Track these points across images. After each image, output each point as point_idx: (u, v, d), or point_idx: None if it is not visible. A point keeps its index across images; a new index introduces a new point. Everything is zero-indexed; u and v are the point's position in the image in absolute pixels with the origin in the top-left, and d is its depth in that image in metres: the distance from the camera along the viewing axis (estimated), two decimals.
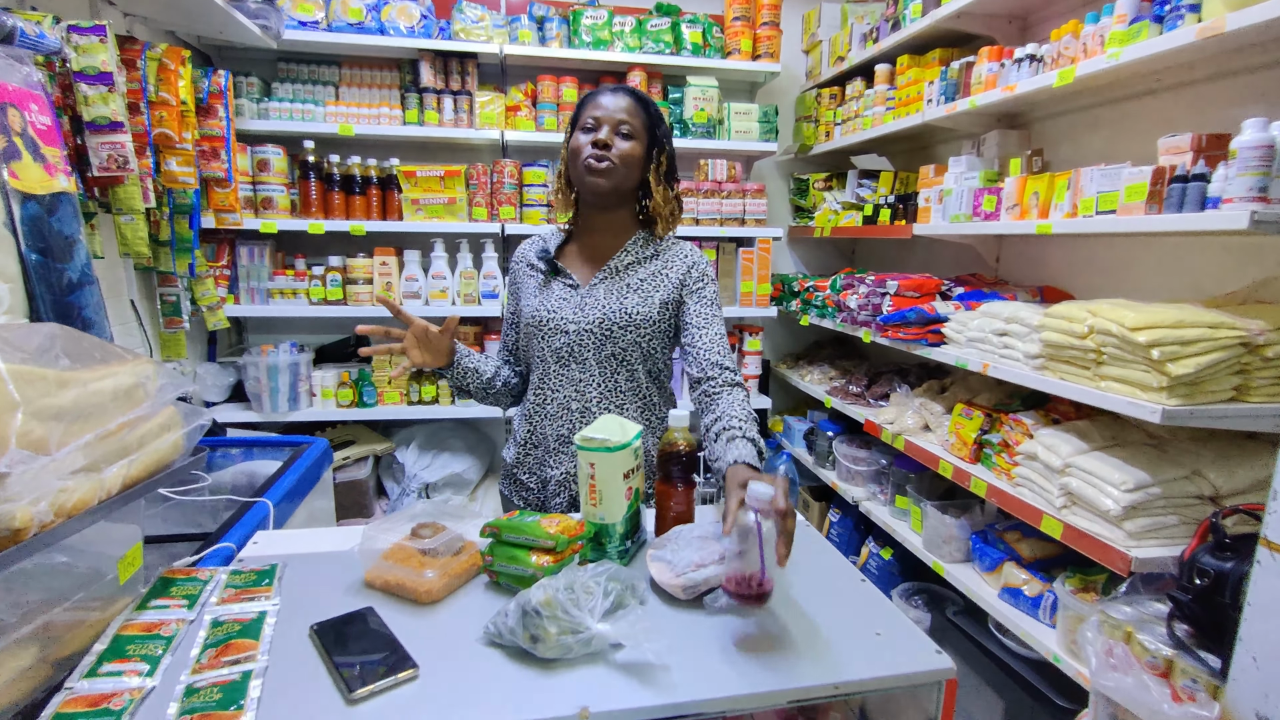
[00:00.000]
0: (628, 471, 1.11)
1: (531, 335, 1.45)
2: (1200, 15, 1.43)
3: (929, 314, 2.11)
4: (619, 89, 1.40)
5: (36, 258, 1.37)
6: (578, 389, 1.42)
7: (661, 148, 1.43)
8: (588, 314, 1.40)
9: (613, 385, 1.43)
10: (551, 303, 1.43)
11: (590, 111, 1.38)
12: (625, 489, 1.10)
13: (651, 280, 1.43)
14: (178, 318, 2.37)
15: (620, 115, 1.36)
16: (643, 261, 1.45)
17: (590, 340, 1.40)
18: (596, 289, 1.43)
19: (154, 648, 0.85)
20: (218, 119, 2.28)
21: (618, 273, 1.44)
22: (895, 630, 0.96)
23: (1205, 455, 1.47)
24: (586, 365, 1.41)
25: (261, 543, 1.21)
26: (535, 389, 1.46)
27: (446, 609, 1.00)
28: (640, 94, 1.42)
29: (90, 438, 0.70)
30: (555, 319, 1.42)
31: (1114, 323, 1.40)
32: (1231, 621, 1.09)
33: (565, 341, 1.41)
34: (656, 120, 1.43)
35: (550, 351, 1.42)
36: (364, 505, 2.86)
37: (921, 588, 2.29)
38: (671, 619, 0.98)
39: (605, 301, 1.41)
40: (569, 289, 1.44)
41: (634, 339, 1.40)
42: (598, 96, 1.40)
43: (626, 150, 1.37)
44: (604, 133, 1.36)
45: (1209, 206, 1.38)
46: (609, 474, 1.08)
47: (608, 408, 1.43)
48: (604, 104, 1.38)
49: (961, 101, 2.14)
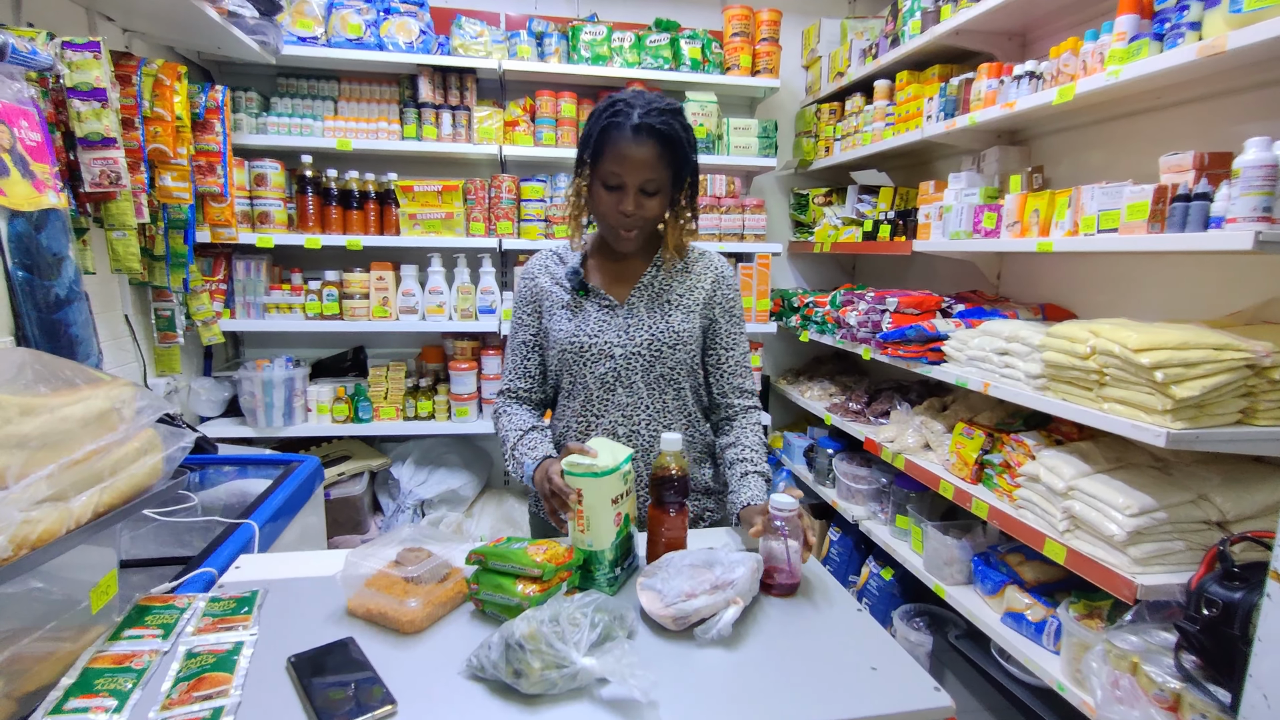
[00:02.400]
0: (616, 497, 1.08)
1: (570, 362, 1.36)
2: (1201, 34, 1.41)
3: (929, 332, 2.09)
4: (641, 129, 1.23)
5: (23, 275, 1.36)
6: (625, 414, 1.35)
7: (686, 179, 1.34)
8: (634, 336, 1.34)
9: (661, 406, 1.37)
10: (590, 326, 1.35)
11: (613, 164, 1.25)
12: (614, 515, 1.07)
13: (689, 295, 1.39)
14: (172, 333, 2.36)
15: (645, 173, 1.25)
16: (675, 275, 1.40)
17: (639, 363, 1.34)
18: (636, 308, 1.36)
19: (123, 681, 0.82)
20: (214, 134, 2.28)
21: (653, 289, 1.38)
22: (893, 665, 0.93)
23: (1212, 479, 1.44)
24: (634, 389, 1.35)
25: (244, 567, 1.18)
26: (577, 415, 1.38)
27: (429, 639, 0.97)
28: (666, 131, 1.25)
29: (53, 468, 0.67)
30: (599, 343, 1.34)
31: (1116, 343, 1.37)
32: (1241, 654, 1.06)
33: (611, 367, 1.34)
34: (684, 156, 1.30)
35: (594, 378, 1.35)
36: (359, 521, 2.83)
37: (923, 609, 2.25)
38: (661, 651, 0.95)
39: (650, 321, 1.35)
40: (606, 309, 1.36)
41: (682, 357, 1.36)
42: (618, 139, 1.24)
43: (653, 208, 1.30)
44: (629, 202, 1.26)
45: (1212, 226, 1.35)
46: (597, 500, 1.06)
47: (656, 430, 1.36)
48: (628, 155, 1.24)
49: (961, 118, 2.13)
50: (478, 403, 2.93)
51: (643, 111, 1.24)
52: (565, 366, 1.37)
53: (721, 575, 1.02)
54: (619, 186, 1.27)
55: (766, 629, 1.01)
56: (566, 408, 1.41)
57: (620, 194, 1.27)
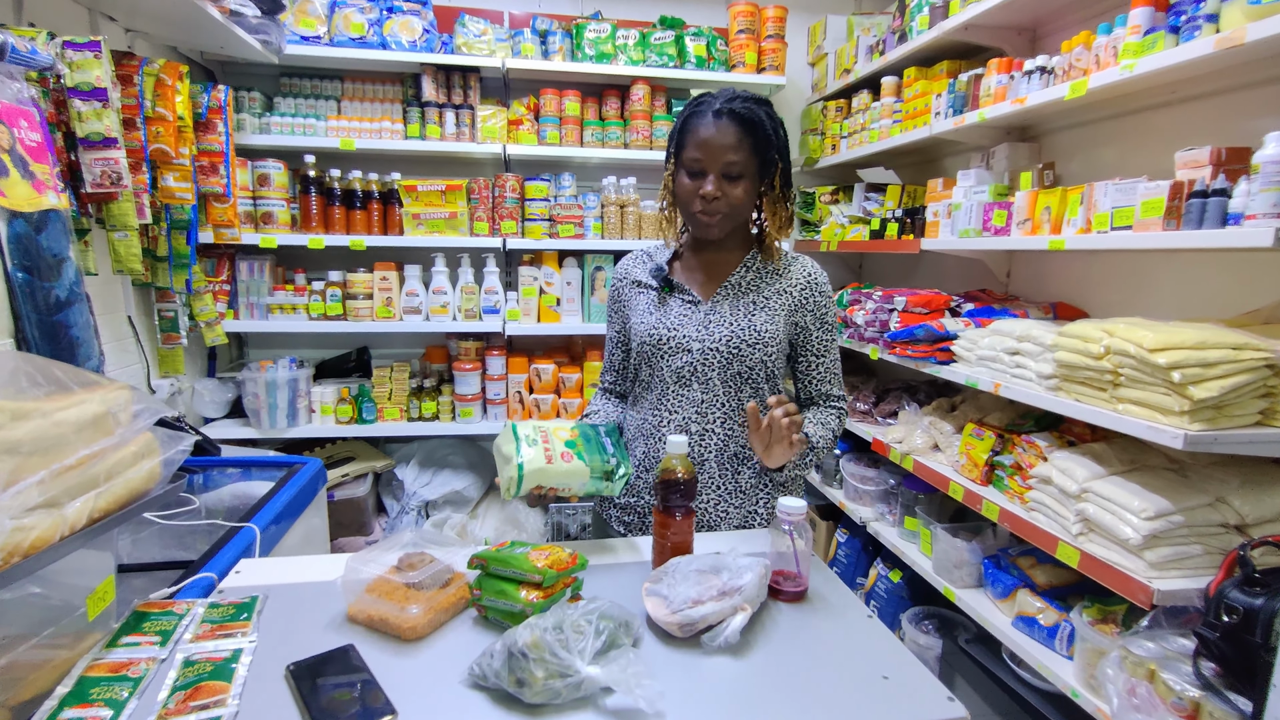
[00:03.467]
0: (543, 461, 1.16)
1: (649, 354, 1.37)
2: (1218, 26, 1.38)
3: (938, 331, 2.06)
4: (722, 113, 1.25)
5: (23, 276, 1.35)
6: (699, 410, 1.35)
7: (775, 166, 1.32)
8: (713, 332, 1.34)
9: (735, 405, 1.35)
10: (671, 319, 1.36)
11: (693, 149, 1.26)
12: (561, 456, 1.18)
13: (777, 297, 1.37)
14: (175, 334, 2.35)
15: (727, 155, 1.25)
16: (765, 278, 1.39)
17: (716, 359, 1.33)
18: (720, 305, 1.36)
19: (119, 690, 0.81)
20: (217, 134, 2.27)
21: (740, 289, 1.37)
22: (905, 673, 0.91)
23: (1230, 481, 1.41)
24: (710, 385, 1.34)
25: (244, 572, 1.17)
26: (653, 408, 1.38)
27: (431, 646, 0.95)
28: (747, 115, 1.25)
29: (45, 474, 0.66)
30: (677, 337, 1.34)
31: (1132, 343, 1.34)
32: (1263, 663, 1.03)
33: (688, 360, 1.34)
34: (768, 140, 1.28)
35: (670, 371, 1.35)
36: (363, 523, 2.82)
37: (932, 612, 2.22)
38: (667, 659, 0.93)
39: (732, 319, 1.34)
40: (689, 305, 1.37)
41: (761, 358, 1.34)
42: (698, 125, 1.26)
43: (737, 195, 1.28)
44: (710, 185, 1.26)
45: (1230, 223, 1.32)
46: (544, 479, 1.16)
47: (731, 429, 1.36)
48: (707, 139, 1.25)
49: (970, 114, 2.09)
50: (482, 403, 2.91)
51: (726, 99, 1.27)
52: (644, 359, 1.39)
53: (729, 581, 0.99)
54: (700, 172, 1.28)
55: (775, 636, 0.99)
56: (643, 400, 1.41)
57: (701, 180, 1.28)
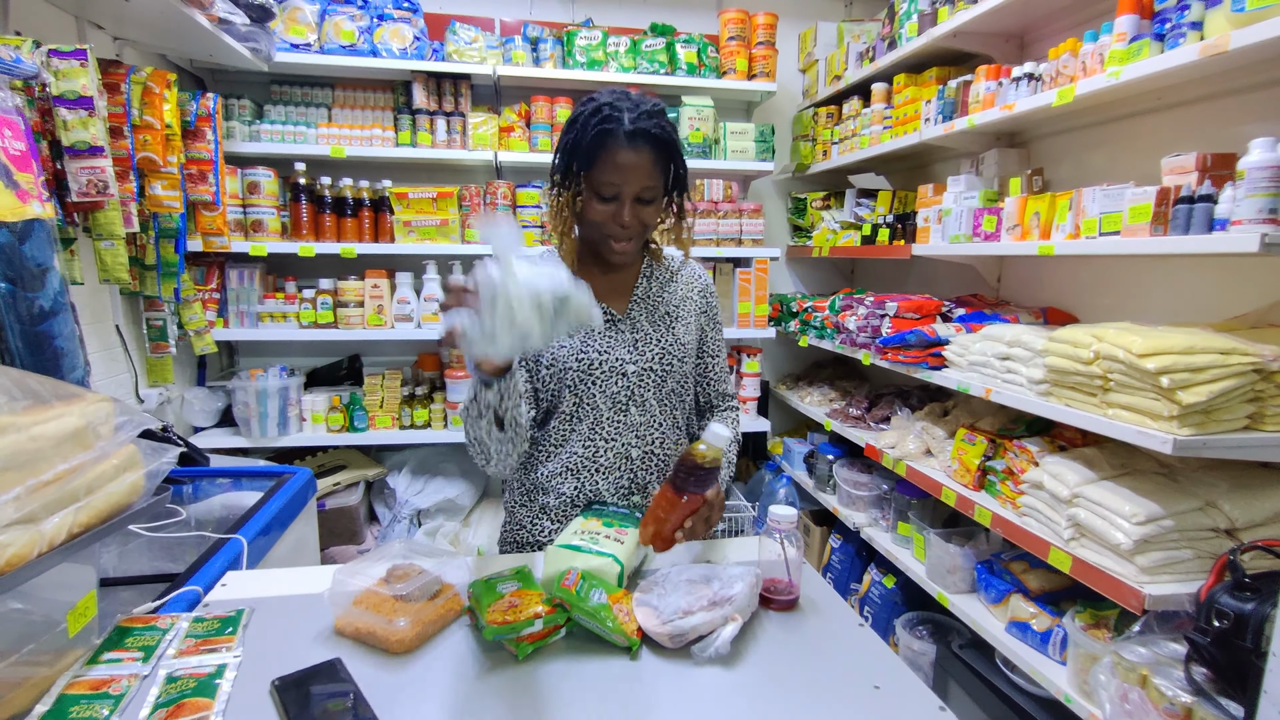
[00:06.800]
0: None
1: (575, 381, 1.25)
2: (1203, 33, 1.39)
3: (929, 336, 2.06)
4: (635, 135, 1.17)
5: (6, 286, 1.33)
6: (638, 434, 1.28)
7: (679, 184, 1.28)
8: (644, 352, 1.27)
9: (672, 422, 1.32)
10: (600, 342, 1.26)
11: (608, 173, 1.18)
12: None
13: (684, 305, 1.35)
14: (164, 342, 2.33)
15: (644, 181, 1.19)
16: (665, 285, 1.36)
17: (651, 379, 1.28)
18: (639, 321, 1.30)
19: (100, 709, 0.79)
20: (206, 142, 2.25)
21: (649, 301, 1.33)
22: (896, 683, 0.90)
23: (1220, 485, 1.41)
24: (646, 407, 1.28)
25: (230, 584, 1.15)
26: (585, 441, 1.27)
27: (419, 659, 0.94)
28: (660, 135, 1.19)
29: (20, 490, 0.65)
30: (609, 360, 1.25)
31: (1121, 348, 1.35)
32: (1254, 668, 1.03)
33: (624, 385, 1.26)
34: (674, 157, 1.24)
35: (605, 397, 1.26)
36: (355, 531, 2.80)
37: (926, 618, 2.22)
38: (658, 669, 0.92)
39: (657, 335, 1.30)
40: (609, 324, 1.29)
41: (687, 370, 1.34)
42: (612, 146, 1.17)
43: (649, 215, 1.23)
44: (626, 213, 1.19)
45: (1217, 228, 1.33)
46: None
47: (671, 450, 1.32)
48: (623, 165, 1.17)
49: (959, 120, 2.10)
50: None
51: (633, 116, 1.17)
52: (568, 387, 1.26)
53: (720, 590, 0.99)
54: (614, 197, 1.20)
55: (766, 646, 0.98)
56: (570, 432, 1.28)
57: (616, 204, 1.20)
